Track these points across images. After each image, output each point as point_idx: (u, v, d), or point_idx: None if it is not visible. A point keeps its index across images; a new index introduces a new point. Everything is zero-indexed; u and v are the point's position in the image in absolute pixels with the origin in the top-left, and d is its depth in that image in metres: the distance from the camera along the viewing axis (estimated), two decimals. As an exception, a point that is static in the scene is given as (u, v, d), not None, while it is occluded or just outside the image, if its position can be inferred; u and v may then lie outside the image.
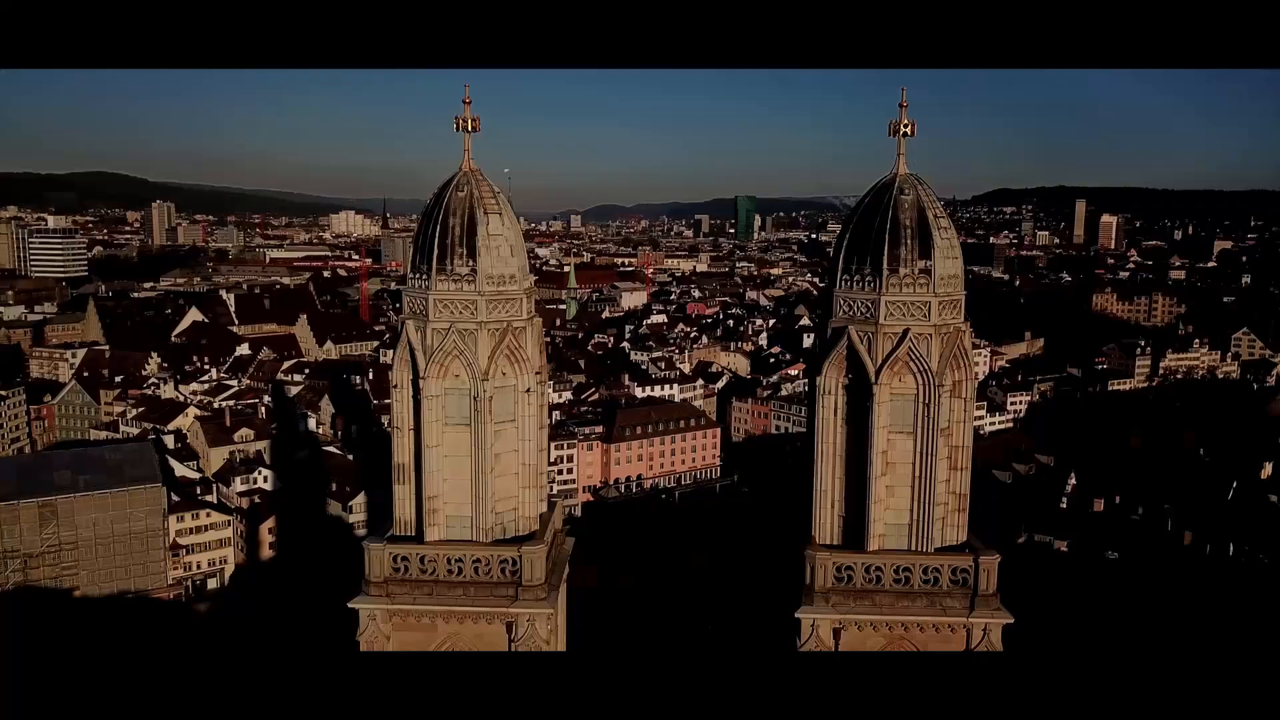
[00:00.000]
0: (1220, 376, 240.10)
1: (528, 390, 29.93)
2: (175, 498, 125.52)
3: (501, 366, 29.50)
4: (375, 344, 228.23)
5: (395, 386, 29.73)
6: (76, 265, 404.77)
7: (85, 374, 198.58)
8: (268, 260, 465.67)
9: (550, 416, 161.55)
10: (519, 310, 29.71)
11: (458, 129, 29.75)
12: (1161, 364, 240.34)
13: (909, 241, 28.51)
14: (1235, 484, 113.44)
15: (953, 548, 29.57)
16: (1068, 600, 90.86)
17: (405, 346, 29.44)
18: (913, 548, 29.10)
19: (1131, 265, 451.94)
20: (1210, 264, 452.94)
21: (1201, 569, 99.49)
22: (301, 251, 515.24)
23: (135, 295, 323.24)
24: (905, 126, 29.23)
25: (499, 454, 29.80)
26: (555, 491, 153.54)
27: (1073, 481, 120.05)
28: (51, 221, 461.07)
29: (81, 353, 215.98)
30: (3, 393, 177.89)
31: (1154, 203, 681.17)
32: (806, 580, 28.92)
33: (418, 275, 29.51)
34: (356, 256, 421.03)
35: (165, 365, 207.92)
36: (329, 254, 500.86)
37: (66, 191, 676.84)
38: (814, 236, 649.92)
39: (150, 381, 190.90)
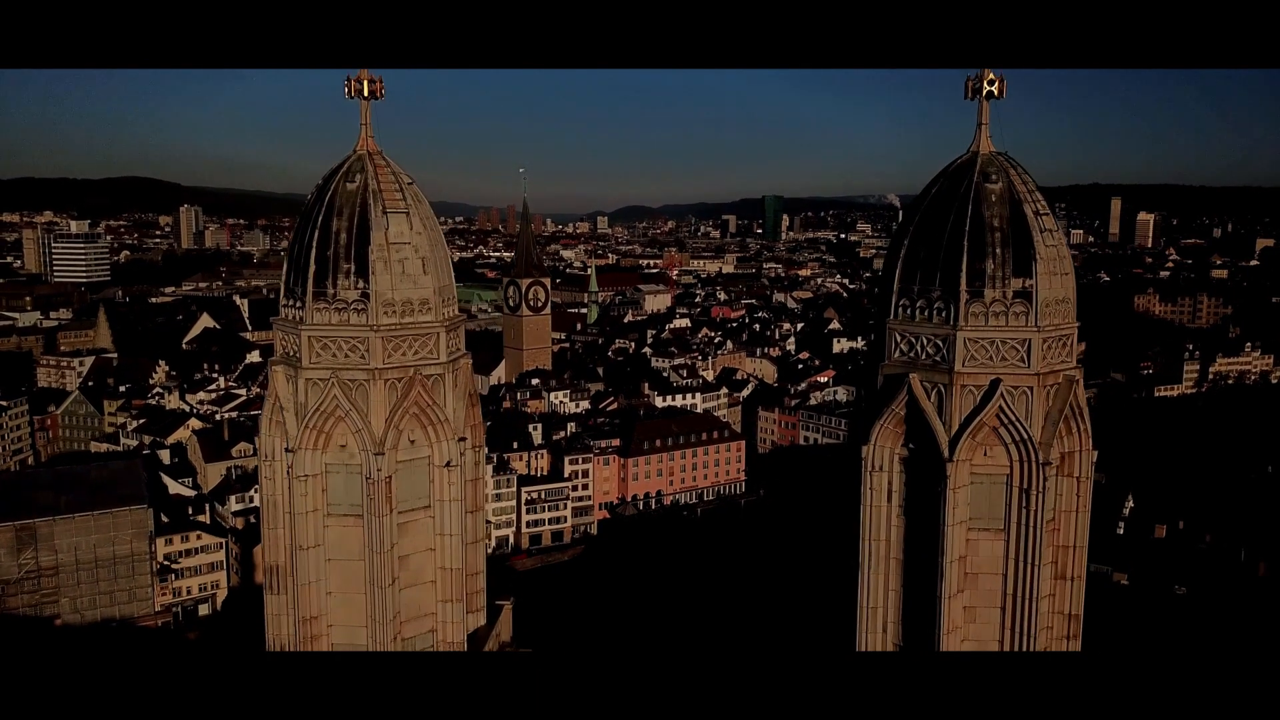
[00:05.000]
0: (1275, 382, 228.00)
1: (448, 464, 21.07)
2: (165, 518, 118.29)
3: (408, 431, 20.68)
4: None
5: (265, 459, 20.98)
6: (99, 270, 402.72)
7: (90, 383, 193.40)
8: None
9: (565, 428, 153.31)
10: (434, 350, 20.85)
11: (350, 95, 21.02)
12: (1211, 368, 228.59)
13: (998, 250, 19.41)
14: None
15: (1060, 693, 20.39)
16: (1135, 640, 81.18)
17: (273, 403, 20.66)
18: (1004, 696, 19.93)
19: (1171, 264, 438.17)
20: (1253, 262, 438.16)
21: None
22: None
23: (154, 300, 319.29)
24: (991, 84, 20.16)
25: (406, 556, 20.99)
26: (570, 509, 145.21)
27: (1130, 504, 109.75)
28: (74, 226, 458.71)
29: (90, 360, 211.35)
30: (4, 403, 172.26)
31: (1190, 200, 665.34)
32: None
33: (290, 302, 20.74)
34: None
35: (173, 374, 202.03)
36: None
37: (100, 197, 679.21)
38: (842, 236, 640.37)
39: (155, 391, 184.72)
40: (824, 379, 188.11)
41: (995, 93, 20.33)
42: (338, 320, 20.13)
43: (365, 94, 21.08)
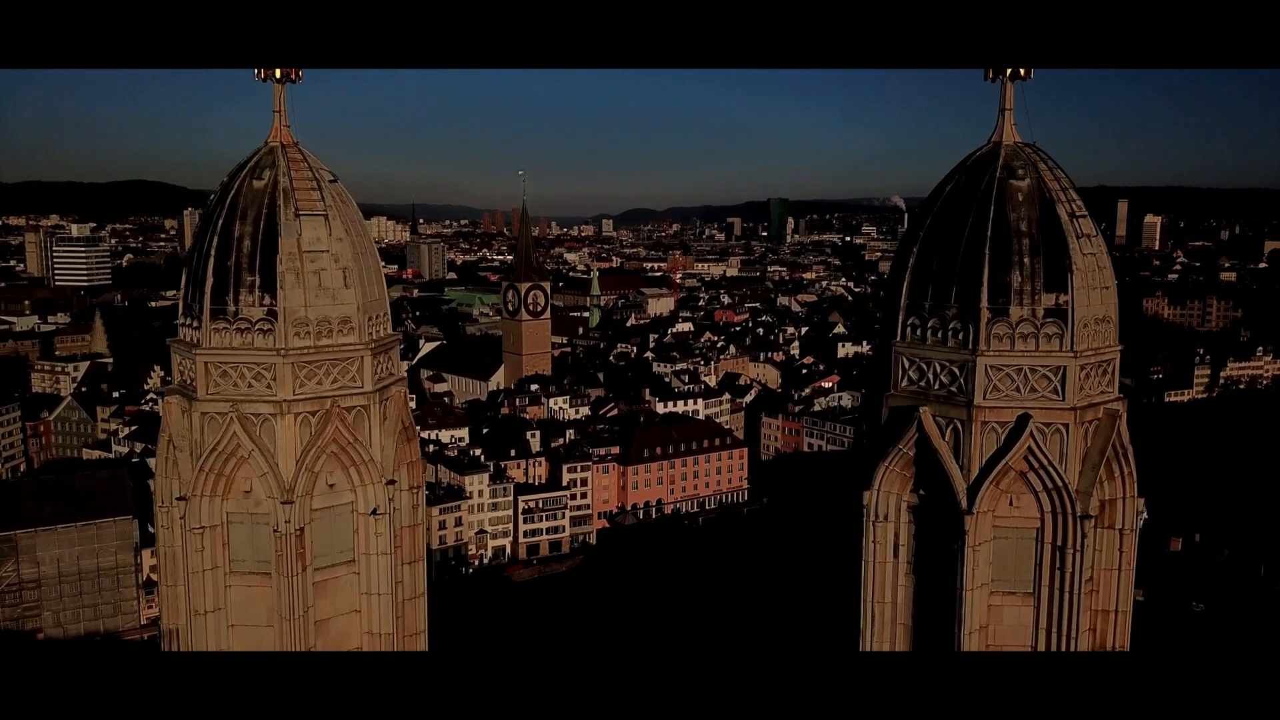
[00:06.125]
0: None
1: (374, 511, 17.91)
2: (152, 529, 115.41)
3: (326, 474, 17.52)
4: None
5: (160, 505, 17.90)
6: (100, 274, 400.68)
7: (84, 389, 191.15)
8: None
9: (564, 435, 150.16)
10: (358, 377, 17.68)
11: (260, 78, 17.90)
12: (1222, 373, 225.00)
13: (1026, 260, 16.21)
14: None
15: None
16: (1151, 659, 77.70)
17: (165, 440, 17.54)
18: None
19: (1178, 267, 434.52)
20: (1261, 265, 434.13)
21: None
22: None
23: (153, 304, 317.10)
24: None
25: (325, 620, 17.81)
26: (568, 518, 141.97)
27: (1144, 516, 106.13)
28: (75, 230, 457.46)
29: (84, 366, 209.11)
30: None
31: (1197, 202, 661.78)
32: None
33: (187, 321, 17.63)
34: (384, 263, 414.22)
35: (168, 379, 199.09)
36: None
37: (106, 200, 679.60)
38: (848, 239, 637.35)
39: (149, 397, 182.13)
40: (828, 384, 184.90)
41: (1021, 73, 17.16)
42: (239, 343, 16.97)
43: (278, 77, 17.94)
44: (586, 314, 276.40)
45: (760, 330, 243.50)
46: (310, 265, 17.17)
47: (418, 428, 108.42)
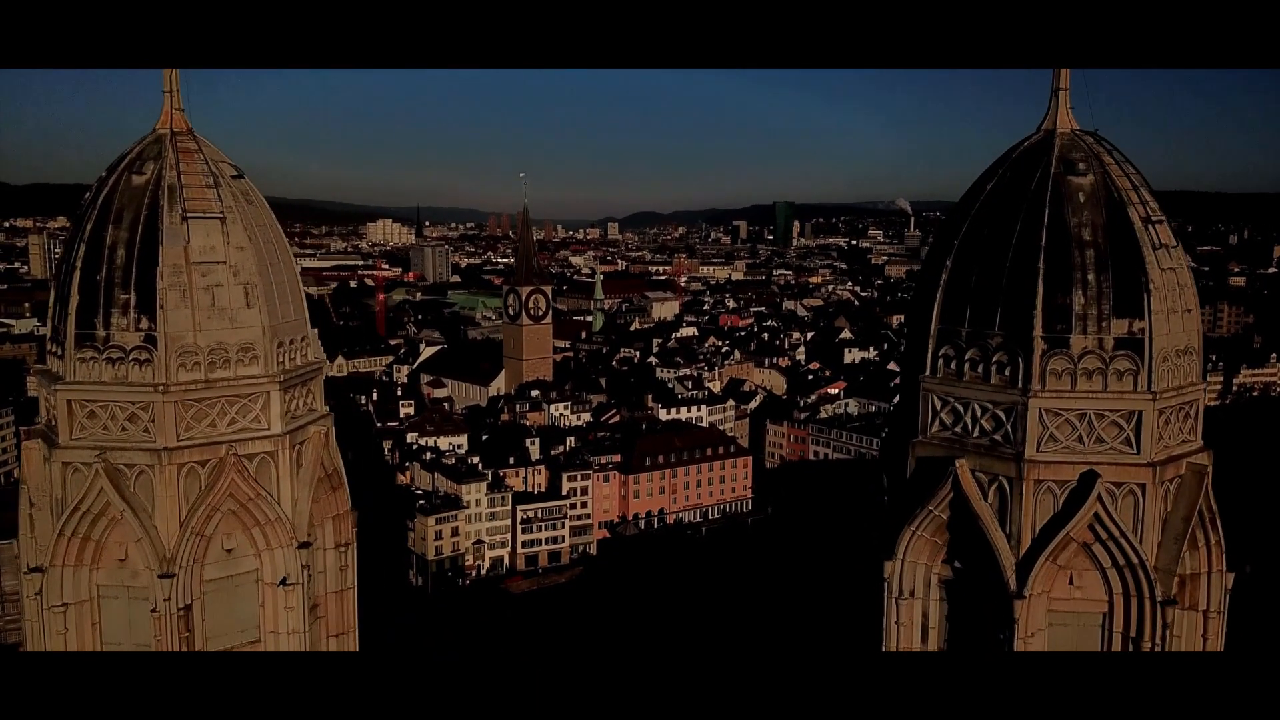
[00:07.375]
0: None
1: (284, 581, 14.62)
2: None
3: (222, 537, 14.24)
4: (390, 359, 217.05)
5: (24, 572, 14.64)
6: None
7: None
8: (298, 270, 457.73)
9: (564, 443, 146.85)
10: (262, 417, 14.38)
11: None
12: (1235, 379, 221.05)
13: (1091, 276, 12.86)
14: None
15: None
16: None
17: (24, 495, 14.29)
18: None
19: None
20: (1271, 269, 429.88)
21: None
22: (334, 261, 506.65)
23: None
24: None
25: (221, 715, 14.57)
26: (568, 528, 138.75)
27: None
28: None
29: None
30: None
31: (1205, 206, 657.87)
32: None
33: (52, 348, 14.37)
34: (387, 266, 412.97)
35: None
36: (361, 264, 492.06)
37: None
38: (853, 242, 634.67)
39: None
40: (835, 390, 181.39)
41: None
42: (110, 376, 13.69)
43: (170, 48, 14.66)
44: (590, 318, 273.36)
45: (765, 335, 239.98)
46: (201, 280, 13.88)
47: (414, 435, 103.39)
